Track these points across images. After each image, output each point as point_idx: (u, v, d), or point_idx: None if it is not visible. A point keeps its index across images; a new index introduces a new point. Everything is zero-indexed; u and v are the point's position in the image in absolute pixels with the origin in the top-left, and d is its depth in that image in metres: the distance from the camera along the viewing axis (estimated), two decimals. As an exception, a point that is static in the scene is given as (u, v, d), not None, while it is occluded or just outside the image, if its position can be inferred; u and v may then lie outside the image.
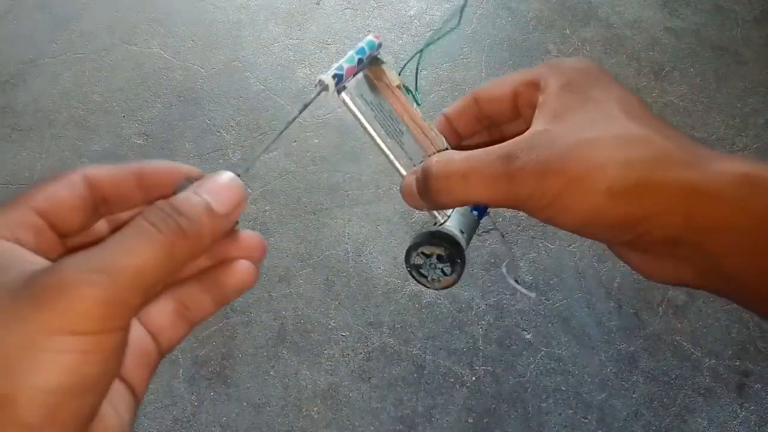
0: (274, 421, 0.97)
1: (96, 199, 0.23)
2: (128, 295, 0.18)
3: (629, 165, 0.23)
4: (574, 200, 0.23)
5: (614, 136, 0.23)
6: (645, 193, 0.22)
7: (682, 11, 1.41)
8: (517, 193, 0.24)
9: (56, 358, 0.16)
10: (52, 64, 1.39)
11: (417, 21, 1.41)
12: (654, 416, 0.97)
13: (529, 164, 0.24)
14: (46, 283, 0.17)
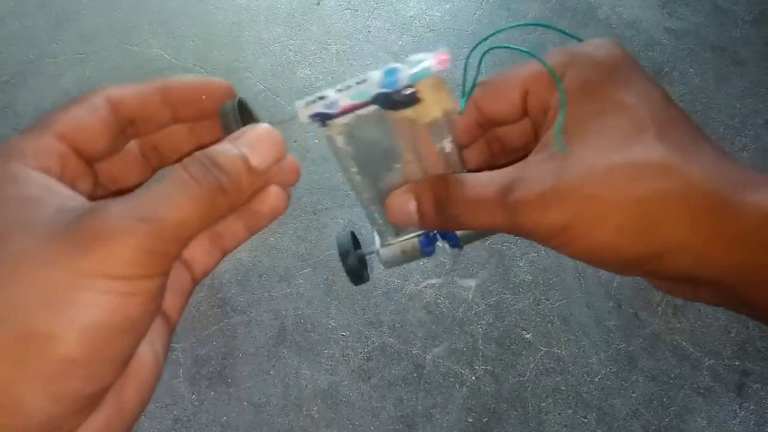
0: (274, 421, 0.97)
1: (121, 120, 0.22)
2: (168, 245, 0.18)
3: (642, 204, 0.21)
4: (577, 238, 0.22)
5: (630, 164, 0.21)
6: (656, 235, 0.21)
7: (682, 12, 1.42)
8: (516, 226, 0.23)
9: (99, 298, 0.17)
10: (53, 65, 1.39)
11: (417, 21, 1.41)
12: (653, 416, 0.97)
13: (528, 197, 0.22)
14: (91, 227, 0.17)
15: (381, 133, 0.25)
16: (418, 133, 0.25)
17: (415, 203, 0.25)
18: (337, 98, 0.24)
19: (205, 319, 1.06)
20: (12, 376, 0.16)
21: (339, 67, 1.36)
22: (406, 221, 0.25)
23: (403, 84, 0.23)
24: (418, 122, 0.25)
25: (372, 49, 1.37)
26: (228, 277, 1.10)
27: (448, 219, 0.24)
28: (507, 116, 0.27)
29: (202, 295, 1.08)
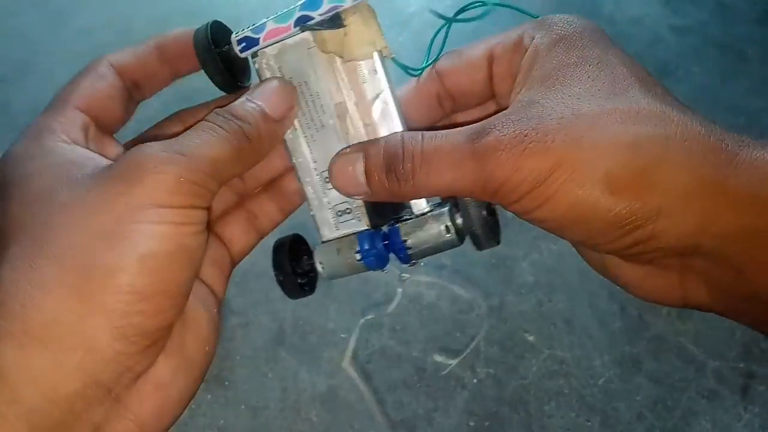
0: (272, 424, 0.96)
1: (127, 84, 0.24)
2: (206, 179, 0.19)
3: (636, 147, 0.18)
4: (559, 190, 0.18)
5: (620, 108, 0.18)
6: (654, 186, 0.17)
7: (686, 9, 1.40)
8: (486, 179, 0.19)
9: (152, 228, 0.17)
10: (49, 62, 1.38)
11: (417, 17, 1.40)
12: (657, 419, 0.96)
13: (503, 142, 0.18)
14: (133, 163, 0.18)
15: (311, 74, 0.23)
16: (349, 77, 0.22)
17: (363, 163, 0.22)
18: (264, 22, 0.23)
19: (203, 321, 1.05)
20: (79, 311, 0.16)
21: (338, 64, 1.35)
22: (352, 185, 0.22)
23: (326, 7, 0.22)
24: (345, 58, 0.22)
25: (372, 46, 1.36)
26: (226, 278, 1.09)
27: (402, 181, 0.21)
28: (469, 90, 0.24)
29: (200, 296, 1.08)
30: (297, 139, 0.24)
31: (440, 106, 0.25)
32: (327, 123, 0.23)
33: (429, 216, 0.23)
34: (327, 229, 0.25)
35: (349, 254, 0.24)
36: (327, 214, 0.25)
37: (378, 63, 0.23)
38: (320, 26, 0.22)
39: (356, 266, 0.24)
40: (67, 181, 0.18)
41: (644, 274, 0.20)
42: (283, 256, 0.26)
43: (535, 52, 0.21)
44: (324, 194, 0.25)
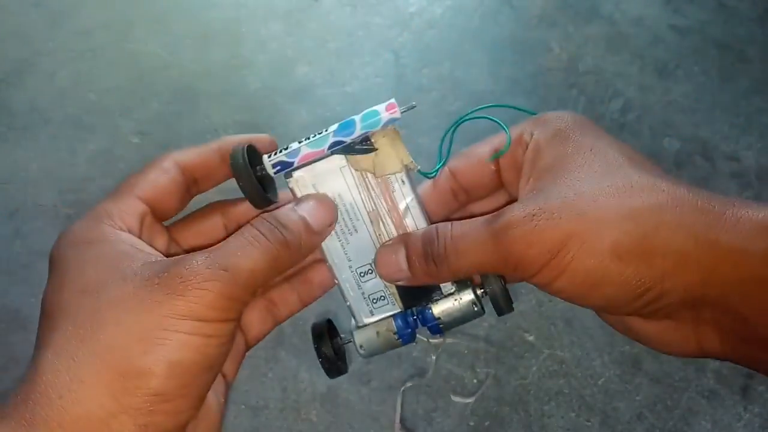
0: (272, 424, 0.96)
1: (187, 180, 0.26)
2: (242, 292, 0.21)
3: (635, 218, 0.20)
4: (573, 260, 0.20)
5: (616, 186, 0.21)
6: (656, 249, 0.19)
7: (686, 9, 1.40)
8: (506, 256, 0.22)
9: (186, 338, 0.19)
10: (48, 63, 1.38)
11: (417, 18, 1.40)
12: (657, 419, 0.96)
13: (515, 221, 0.21)
14: (179, 275, 0.20)
15: (344, 188, 0.26)
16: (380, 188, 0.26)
17: (404, 253, 0.25)
18: (298, 147, 0.25)
19: (203, 321, 1.05)
20: (109, 408, 0.18)
21: (338, 64, 1.34)
22: (395, 271, 0.26)
23: (358, 133, 0.25)
24: (377, 174, 0.26)
25: (372, 46, 1.35)
26: (226, 278, 1.08)
27: (437, 264, 0.24)
28: (480, 183, 0.27)
29: (200, 296, 1.07)
30: (333, 242, 0.28)
31: (456, 200, 0.28)
32: (360, 228, 0.27)
33: (456, 294, 0.28)
34: (364, 315, 0.29)
35: (388, 335, 0.28)
36: (362, 303, 0.29)
37: (405, 175, 0.26)
38: (353, 151, 0.26)
39: (393, 344, 0.29)
40: (118, 275, 0.20)
41: (663, 329, 0.22)
42: (325, 343, 0.30)
43: (536, 146, 0.24)
44: (359, 287, 0.29)
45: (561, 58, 1.33)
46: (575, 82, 1.29)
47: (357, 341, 0.30)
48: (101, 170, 1.22)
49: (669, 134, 1.22)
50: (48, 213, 1.18)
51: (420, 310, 0.28)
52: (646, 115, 1.25)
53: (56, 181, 1.21)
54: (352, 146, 0.26)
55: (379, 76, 1.31)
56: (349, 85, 1.30)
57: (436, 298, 0.28)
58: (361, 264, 0.28)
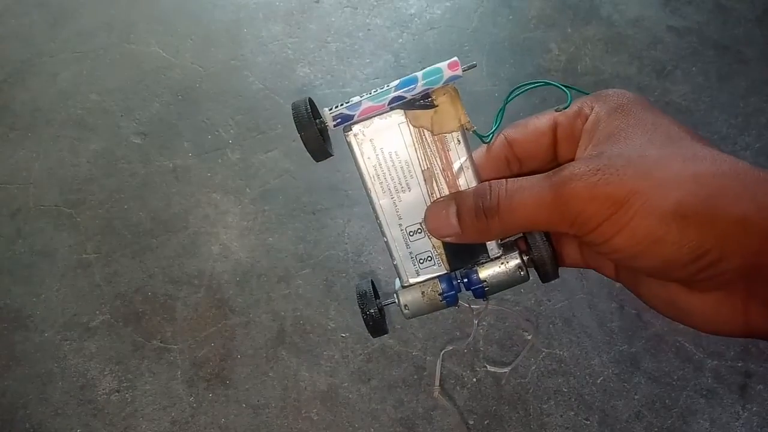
0: (273, 423, 0.97)
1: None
2: None
3: (699, 181, 0.20)
4: (635, 216, 0.20)
5: (680, 153, 0.21)
6: (719, 212, 0.19)
7: (684, 10, 1.40)
8: (564, 209, 0.21)
9: None
10: (50, 63, 1.39)
11: (417, 19, 1.40)
12: (656, 417, 0.97)
13: (578, 174, 0.21)
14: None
15: (401, 145, 0.27)
16: (436, 147, 0.27)
17: (455, 207, 0.25)
18: (360, 100, 0.26)
19: (204, 321, 1.05)
20: None
21: (338, 65, 1.35)
22: (444, 226, 0.26)
23: (420, 89, 0.25)
24: (434, 132, 0.26)
25: (372, 47, 1.36)
26: (226, 277, 1.09)
27: (489, 217, 0.24)
28: (535, 152, 0.27)
29: (200, 296, 1.08)
30: (385, 199, 0.28)
31: (508, 168, 0.28)
32: (414, 186, 0.27)
33: (503, 258, 0.28)
34: (410, 275, 0.28)
35: (433, 295, 0.28)
36: (409, 263, 0.28)
37: (461, 135, 0.26)
38: (413, 106, 0.26)
39: (438, 305, 0.28)
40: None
41: (711, 302, 0.22)
42: (370, 302, 0.29)
43: (597, 118, 0.24)
44: (407, 246, 0.28)
45: (560, 59, 1.34)
46: (574, 83, 1.30)
47: (402, 301, 0.28)
48: (103, 170, 1.22)
49: (667, 135, 1.23)
50: (50, 213, 1.18)
51: (466, 273, 0.28)
52: (645, 116, 1.25)
53: (58, 181, 1.21)
54: (412, 102, 0.26)
55: (379, 77, 1.31)
56: (349, 86, 1.31)
57: (483, 262, 0.28)
58: (411, 222, 0.28)
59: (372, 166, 0.27)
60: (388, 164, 0.27)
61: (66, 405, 0.99)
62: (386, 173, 0.27)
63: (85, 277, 1.10)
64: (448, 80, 0.26)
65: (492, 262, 0.28)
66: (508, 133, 0.27)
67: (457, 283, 0.28)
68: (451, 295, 0.28)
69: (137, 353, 1.03)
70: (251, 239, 1.12)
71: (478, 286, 0.28)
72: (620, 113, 0.23)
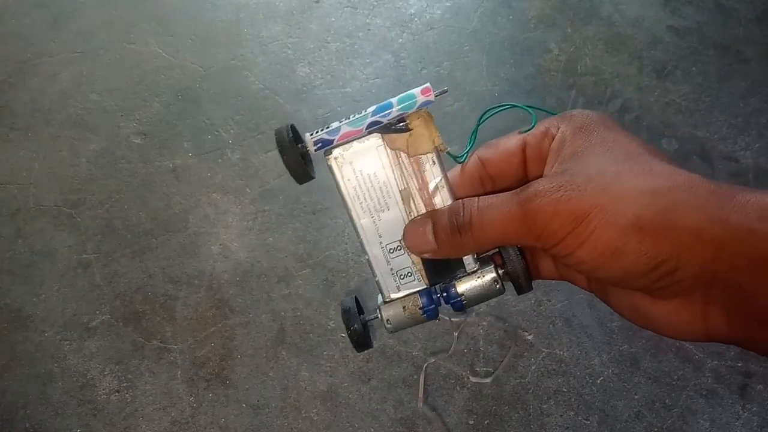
0: (273, 423, 0.97)
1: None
2: None
3: (655, 195, 0.21)
4: (596, 230, 0.22)
5: (637, 169, 0.23)
6: (673, 224, 0.21)
7: (684, 10, 1.41)
8: (531, 224, 0.23)
9: None
10: (50, 63, 1.38)
11: (417, 19, 1.40)
12: (656, 417, 0.97)
13: (541, 191, 0.23)
14: None
15: (379, 166, 0.28)
16: (412, 168, 0.28)
17: (431, 225, 0.27)
18: (339, 126, 0.28)
19: (204, 320, 1.05)
20: None
21: (338, 65, 1.35)
22: (422, 243, 0.27)
23: (395, 114, 0.27)
24: (410, 154, 0.28)
25: (372, 47, 1.36)
26: (226, 277, 1.09)
27: (462, 233, 0.25)
28: (506, 171, 0.29)
29: (200, 296, 1.08)
30: (366, 219, 0.29)
31: (482, 187, 0.30)
32: (392, 205, 0.29)
33: (479, 272, 0.29)
34: (391, 290, 0.30)
35: (414, 309, 0.29)
36: (390, 279, 0.30)
37: (436, 156, 0.28)
38: (389, 130, 0.28)
39: (418, 319, 0.29)
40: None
41: (671, 309, 0.23)
42: (354, 318, 0.30)
43: (562, 138, 0.26)
44: (388, 263, 0.29)
45: (560, 59, 1.34)
46: (574, 83, 1.30)
47: (384, 315, 0.30)
48: (103, 170, 1.22)
49: (667, 134, 1.23)
50: (49, 213, 1.18)
51: (444, 287, 0.29)
52: (645, 116, 1.25)
53: (58, 181, 1.21)
54: (388, 126, 0.27)
55: (379, 77, 1.31)
56: (349, 86, 1.31)
57: (460, 276, 0.29)
58: (390, 240, 0.29)
59: (352, 188, 0.28)
60: (368, 185, 0.28)
61: (66, 405, 0.99)
62: (366, 194, 0.29)
63: (85, 277, 1.10)
64: (421, 105, 0.27)
65: (469, 276, 0.29)
66: (481, 154, 0.29)
67: (437, 297, 0.29)
68: (431, 309, 0.29)
69: (137, 353, 1.03)
70: (251, 239, 1.12)
71: (456, 299, 0.29)
72: (583, 132, 0.25)
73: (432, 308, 0.29)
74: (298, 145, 0.28)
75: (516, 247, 0.28)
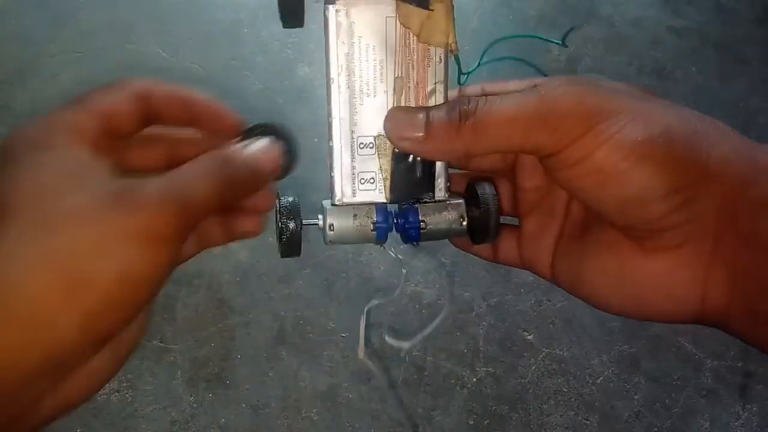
0: (273, 423, 0.97)
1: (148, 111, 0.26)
2: (191, 218, 0.21)
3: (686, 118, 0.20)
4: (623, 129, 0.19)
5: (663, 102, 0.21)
6: (703, 146, 0.19)
7: (685, 10, 1.41)
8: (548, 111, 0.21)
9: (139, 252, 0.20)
10: (51, 64, 1.39)
11: (417, 20, 1.40)
12: (656, 417, 0.97)
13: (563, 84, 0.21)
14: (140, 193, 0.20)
15: (382, 40, 0.24)
16: (418, 56, 0.24)
17: (426, 112, 0.23)
18: None
19: (203, 321, 1.05)
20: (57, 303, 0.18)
21: (339, 65, 1.35)
22: (407, 129, 0.24)
23: None
24: (421, 39, 0.24)
25: (372, 47, 1.36)
26: (226, 277, 1.09)
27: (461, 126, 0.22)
28: None
29: (200, 296, 1.08)
30: (344, 97, 0.25)
31: None
32: (380, 93, 0.24)
33: (447, 203, 0.26)
34: (345, 193, 0.26)
35: (364, 221, 0.25)
36: (348, 180, 0.26)
37: (444, 55, 0.25)
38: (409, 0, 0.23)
39: (365, 235, 0.26)
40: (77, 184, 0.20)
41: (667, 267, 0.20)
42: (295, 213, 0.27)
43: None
44: (352, 158, 0.25)
45: (560, 58, 1.34)
46: (574, 83, 1.30)
47: (329, 219, 0.26)
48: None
49: (667, 135, 1.23)
50: (50, 213, 1.18)
51: (405, 210, 0.26)
52: (645, 116, 1.26)
53: (58, 181, 1.22)
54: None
55: (379, 77, 1.31)
56: (350, 86, 1.31)
57: (426, 201, 0.26)
58: (364, 134, 0.25)
59: (344, 54, 0.25)
60: (362, 58, 0.24)
61: (66, 405, 0.99)
62: (356, 68, 0.24)
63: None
64: None
65: (435, 204, 0.26)
66: (485, 86, 0.26)
67: (394, 220, 0.26)
68: (383, 228, 0.25)
69: (137, 353, 1.03)
70: (251, 239, 1.12)
71: (415, 226, 0.25)
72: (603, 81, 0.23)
73: (384, 227, 0.25)
74: None
75: (492, 185, 0.25)
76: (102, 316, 0.19)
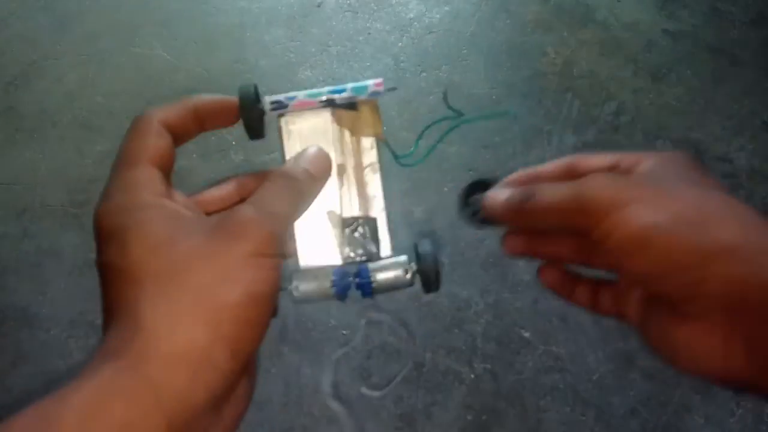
0: (275, 419, 0.98)
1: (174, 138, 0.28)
2: (282, 231, 0.24)
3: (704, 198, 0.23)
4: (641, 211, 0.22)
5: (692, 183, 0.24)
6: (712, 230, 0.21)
7: (679, 13, 1.42)
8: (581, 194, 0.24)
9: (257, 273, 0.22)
10: (56, 66, 1.41)
11: (417, 23, 1.42)
12: (651, 414, 0.98)
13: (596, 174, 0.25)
14: (236, 223, 0.23)
15: (324, 139, 0.31)
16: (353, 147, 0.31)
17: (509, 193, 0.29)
18: (296, 94, 0.31)
19: (207, 318, 1.07)
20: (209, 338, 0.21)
21: (340, 68, 1.37)
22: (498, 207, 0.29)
23: (347, 95, 0.30)
24: (353, 134, 0.31)
25: (372, 50, 1.38)
26: (229, 276, 1.10)
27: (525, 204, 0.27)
28: None
29: (204, 294, 1.09)
30: None
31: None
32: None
33: (392, 261, 0.30)
34: (307, 258, 0.30)
35: (325, 281, 0.29)
36: (309, 247, 0.30)
37: (375, 142, 0.31)
38: (341, 106, 0.30)
39: (326, 293, 0.29)
40: (183, 230, 0.23)
41: (694, 335, 0.22)
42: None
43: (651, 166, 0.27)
44: (312, 229, 0.31)
45: (556, 62, 1.36)
46: (570, 86, 1.32)
47: (294, 282, 0.30)
48: (108, 171, 1.24)
49: (662, 136, 1.25)
50: (56, 213, 1.20)
51: (358, 268, 0.30)
52: (640, 118, 1.27)
53: (64, 181, 1.23)
54: (339, 105, 0.30)
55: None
56: (350, 89, 1.33)
57: (375, 259, 0.31)
58: (321, 208, 0.31)
59: (295, 151, 0.31)
60: None
61: (72, 401, 1.01)
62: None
63: (91, 275, 1.12)
64: (371, 94, 0.30)
65: (383, 261, 0.30)
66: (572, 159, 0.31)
67: (349, 280, 0.29)
68: (341, 286, 0.29)
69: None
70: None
71: (367, 281, 0.29)
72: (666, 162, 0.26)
73: (342, 285, 0.29)
74: (258, 105, 0.31)
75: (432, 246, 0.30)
76: (244, 337, 0.22)
